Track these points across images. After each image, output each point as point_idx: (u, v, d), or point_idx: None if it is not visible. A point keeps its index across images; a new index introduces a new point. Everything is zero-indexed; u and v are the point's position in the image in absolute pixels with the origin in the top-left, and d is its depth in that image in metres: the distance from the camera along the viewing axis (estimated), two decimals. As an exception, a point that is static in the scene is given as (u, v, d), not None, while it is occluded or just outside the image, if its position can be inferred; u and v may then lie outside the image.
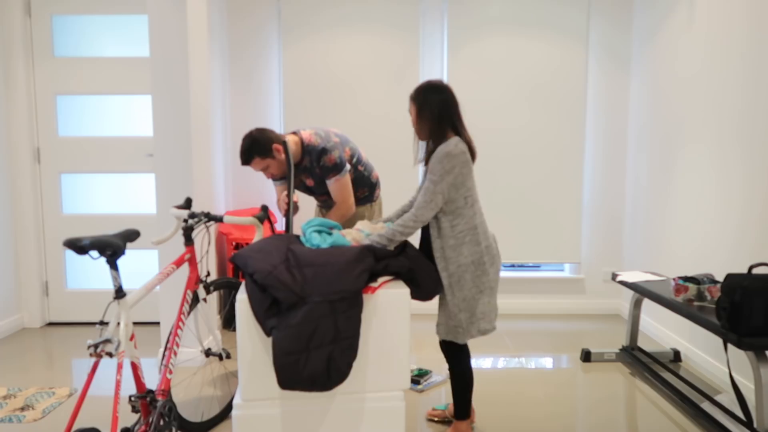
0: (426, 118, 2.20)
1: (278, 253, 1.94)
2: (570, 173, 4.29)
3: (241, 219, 2.33)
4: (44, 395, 2.82)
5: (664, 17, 3.69)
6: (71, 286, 4.07)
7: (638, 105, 4.10)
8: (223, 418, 2.59)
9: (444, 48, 4.25)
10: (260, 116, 4.31)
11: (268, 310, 1.78)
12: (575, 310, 4.41)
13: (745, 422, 2.33)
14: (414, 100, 2.22)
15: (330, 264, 1.85)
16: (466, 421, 2.33)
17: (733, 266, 2.91)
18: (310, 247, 2.07)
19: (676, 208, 3.51)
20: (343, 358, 1.75)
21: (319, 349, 1.73)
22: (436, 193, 2.11)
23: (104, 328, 1.74)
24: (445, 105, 2.18)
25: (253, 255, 1.91)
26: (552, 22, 4.19)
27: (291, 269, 1.85)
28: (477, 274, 2.18)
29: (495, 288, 2.26)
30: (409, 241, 2.30)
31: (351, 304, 1.79)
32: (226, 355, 2.51)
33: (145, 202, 4.03)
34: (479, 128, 4.26)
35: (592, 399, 2.82)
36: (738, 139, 2.88)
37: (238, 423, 1.82)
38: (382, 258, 1.97)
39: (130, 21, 3.92)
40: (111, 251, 1.75)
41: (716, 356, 3.06)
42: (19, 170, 3.91)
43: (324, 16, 4.20)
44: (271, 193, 4.37)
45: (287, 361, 1.70)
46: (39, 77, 3.92)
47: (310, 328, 1.74)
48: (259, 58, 4.27)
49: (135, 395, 1.94)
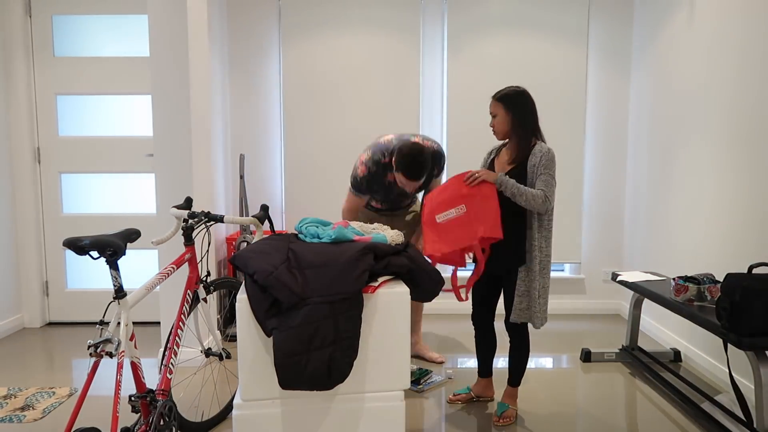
0: (517, 121, 2.45)
1: (278, 253, 1.94)
2: (570, 173, 4.29)
3: (241, 219, 2.33)
4: (44, 395, 2.82)
5: (664, 17, 3.69)
6: (71, 286, 4.07)
7: (638, 105, 4.10)
8: (223, 418, 2.59)
9: (444, 48, 4.25)
10: (260, 116, 4.31)
11: (268, 311, 1.78)
12: (575, 310, 4.41)
13: (745, 422, 2.33)
14: (503, 102, 2.46)
15: (330, 265, 1.85)
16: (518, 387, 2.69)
17: (733, 266, 2.91)
18: (310, 240, 2.07)
19: (676, 207, 3.51)
20: (343, 357, 1.75)
21: (321, 350, 1.73)
22: (554, 186, 2.41)
23: (104, 328, 1.74)
24: (534, 112, 2.49)
25: (254, 255, 1.91)
26: (552, 22, 4.19)
27: (291, 270, 1.85)
28: (549, 267, 2.50)
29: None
30: (411, 243, 2.31)
31: (351, 304, 1.79)
32: (226, 355, 2.51)
33: (145, 202, 4.04)
34: (479, 128, 4.26)
35: (592, 399, 2.82)
36: (738, 138, 2.88)
37: (238, 423, 1.82)
38: (383, 257, 1.97)
39: (130, 21, 3.92)
40: (111, 251, 1.75)
41: (716, 356, 3.06)
42: (19, 170, 3.91)
43: (324, 16, 4.20)
44: (271, 194, 4.37)
45: (288, 362, 1.70)
46: (39, 77, 3.92)
47: (310, 329, 1.74)
48: (259, 58, 4.27)
49: (135, 395, 1.94)
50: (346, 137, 4.28)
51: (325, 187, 4.32)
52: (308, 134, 4.28)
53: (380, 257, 1.97)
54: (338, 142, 4.28)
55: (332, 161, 4.30)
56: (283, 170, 4.32)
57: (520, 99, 2.45)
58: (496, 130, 2.51)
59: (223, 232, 4.11)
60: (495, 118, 2.49)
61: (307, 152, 4.29)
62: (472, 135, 4.26)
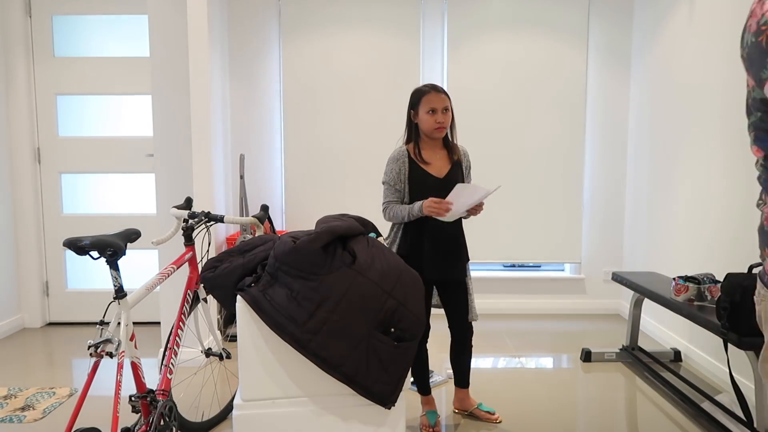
0: (453, 117, 2.41)
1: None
2: (570, 173, 4.29)
3: (242, 219, 2.33)
4: (44, 395, 2.82)
5: (664, 16, 3.69)
6: (71, 286, 4.07)
7: (638, 104, 4.10)
8: (223, 418, 2.59)
9: (444, 48, 4.25)
10: (260, 116, 4.31)
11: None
12: (575, 310, 4.41)
13: (745, 422, 2.33)
14: (448, 96, 2.37)
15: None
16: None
17: (733, 266, 2.91)
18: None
19: (676, 207, 3.51)
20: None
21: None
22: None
23: (104, 328, 1.74)
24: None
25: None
26: (552, 21, 4.19)
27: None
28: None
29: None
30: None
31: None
32: (226, 355, 2.51)
33: (145, 202, 4.03)
34: (479, 128, 4.26)
35: (592, 399, 2.82)
36: (738, 138, 2.88)
37: (238, 423, 1.82)
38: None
39: (130, 21, 3.92)
40: (111, 251, 1.75)
41: (716, 356, 3.06)
42: (19, 170, 3.91)
43: (324, 15, 4.20)
44: (271, 194, 4.36)
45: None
46: (39, 77, 3.92)
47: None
48: (259, 57, 4.27)
49: (135, 395, 1.94)
50: (346, 137, 4.28)
51: (325, 187, 4.32)
52: (308, 134, 4.28)
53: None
54: (338, 142, 4.28)
55: (332, 161, 4.30)
56: (283, 170, 4.32)
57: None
58: (444, 127, 2.33)
59: (223, 232, 4.11)
60: (446, 113, 2.33)
61: (307, 152, 4.29)
62: (473, 135, 4.26)
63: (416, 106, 2.36)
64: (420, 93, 2.36)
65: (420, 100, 2.34)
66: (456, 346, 2.53)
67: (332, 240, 1.82)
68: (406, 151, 2.37)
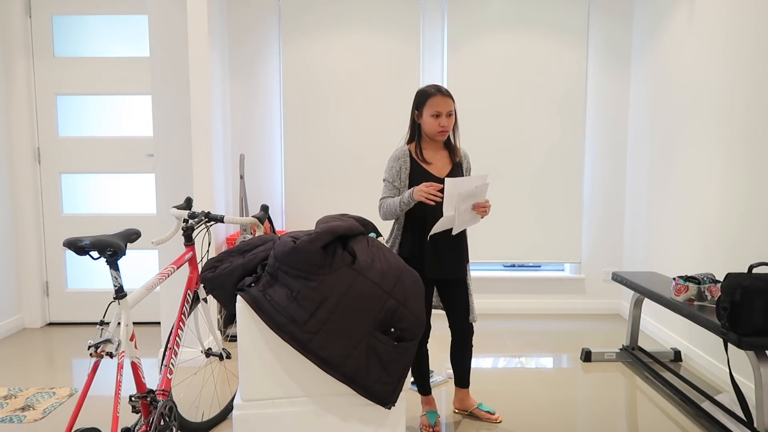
0: (456, 119, 2.40)
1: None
2: (570, 173, 4.29)
3: (242, 219, 2.33)
4: (45, 395, 2.82)
5: (665, 15, 3.69)
6: (71, 286, 4.07)
7: (638, 104, 4.10)
8: (224, 419, 2.59)
9: (444, 48, 4.25)
10: (260, 116, 4.31)
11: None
12: (575, 310, 4.41)
13: (745, 422, 2.33)
14: (453, 99, 2.36)
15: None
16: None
17: (733, 266, 2.91)
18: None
19: (676, 207, 3.51)
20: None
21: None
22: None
23: (104, 328, 1.74)
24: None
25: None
26: (552, 21, 4.19)
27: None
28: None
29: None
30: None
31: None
32: (226, 355, 2.51)
33: (145, 202, 4.03)
34: (479, 128, 4.26)
35: (592, 399, 2.82)
36: (738, 138, 2.88)
37: (238, 423, 1.82)
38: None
39: (130, 21, 3.92)
40: (111, 251, 1.75)
41: (716, 356, 3.06)
42: (19, 170, 3.91)
43: (324, 15, 4.20)
44: (271, 194, 4.36)
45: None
46: (39, 77, 3.92)
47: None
48: (259, 57, 4.27)
49: (135, 395, 1.94)
50: (346, 137, 4.28)
51: (325, 187, 4.32)
52: (308, 134, 4.28)
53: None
54: (338, 142, 4.28)
55: (332, 161, 4.30)
56: (283, 170, 4.32)
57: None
58: (447, 131, 2.34)
59: (223, 232, 4.11)
60: (450, 116, 2.34)
61: (307, 152, 4.29)
62: (473, 135, 4.26)
63: (421, 107, 2.36)
64: (426, 95, 2.34)
65: (425, 102, 2.33)
66: (456, 345, 2.53)
67: (332, 240, 1.82)
68: (408, 150, 2.38)
